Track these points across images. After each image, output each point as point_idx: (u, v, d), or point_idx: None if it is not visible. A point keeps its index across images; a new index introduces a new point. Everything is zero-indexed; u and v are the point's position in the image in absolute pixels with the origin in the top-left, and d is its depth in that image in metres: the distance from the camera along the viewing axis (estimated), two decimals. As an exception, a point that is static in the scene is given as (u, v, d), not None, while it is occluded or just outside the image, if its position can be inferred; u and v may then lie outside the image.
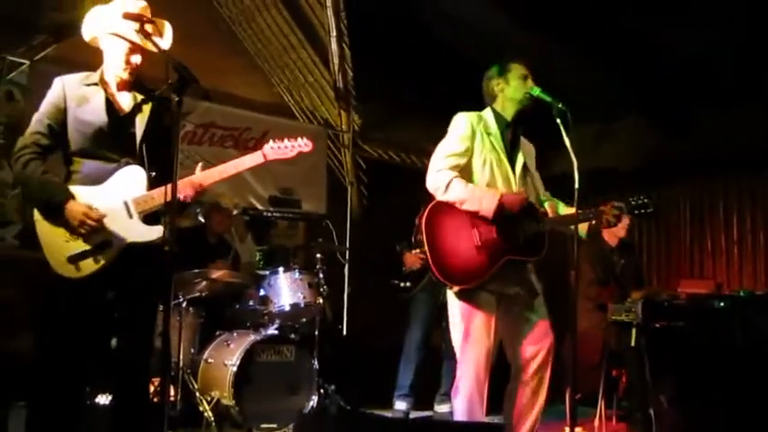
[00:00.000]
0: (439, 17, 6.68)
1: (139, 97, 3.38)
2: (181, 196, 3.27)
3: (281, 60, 7.40)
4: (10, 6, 5.79)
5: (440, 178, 3.73)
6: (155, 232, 3.30)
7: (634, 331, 5.16)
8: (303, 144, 3.70)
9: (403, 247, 5.63)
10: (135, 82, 3.39)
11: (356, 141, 7.63)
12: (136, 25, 3.20)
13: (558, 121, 3.59)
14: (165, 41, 3.34)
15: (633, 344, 5.17)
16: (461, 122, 3.83)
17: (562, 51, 6.41)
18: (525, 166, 3.91)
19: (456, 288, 3.70)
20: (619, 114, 7.71)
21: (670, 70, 6.60)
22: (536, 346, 3.80)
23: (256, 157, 3.58)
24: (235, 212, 6.09)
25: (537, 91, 3.79)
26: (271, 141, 3.64)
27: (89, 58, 3.48)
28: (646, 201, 3.76)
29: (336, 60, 7.04)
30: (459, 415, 3.70)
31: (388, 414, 5.70)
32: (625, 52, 6.47)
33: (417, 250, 5.37)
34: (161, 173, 3.30)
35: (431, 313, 5.68)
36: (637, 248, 6.94)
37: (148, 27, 3.21)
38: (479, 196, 3.68)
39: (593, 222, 3.81)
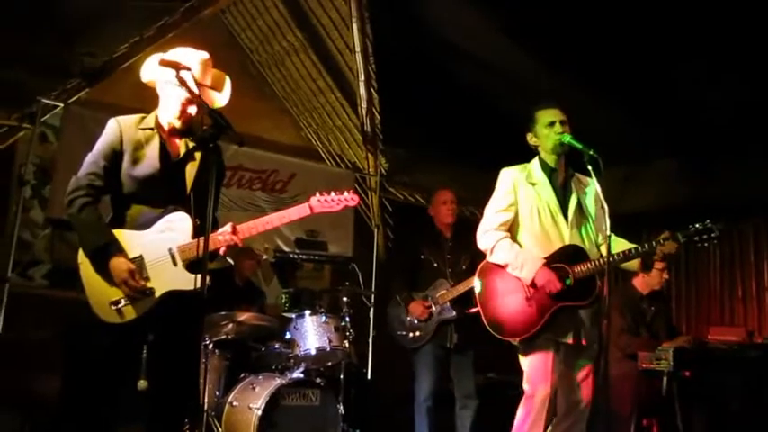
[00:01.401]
0: (466, 62, 6.73)
1: (191, 145, 3.38)
2: (222, 249, 3.31)
3: (309, 104, 7.47)
4: (45, 51, 5.92)
5: (488, 240, 3.90)
6: (197, 280, 3.30)
7: (665, 380, 5.08)
8: (350, 198, 3.65)
9: (404, 298, 5.52)
10: (188, 131, 3.40)
11: (383, 184, 7.65)
12: (197, 76, 3.21)
13: (590, 168, 3.60)
14: (224, 96, 3.37)
15: (664, 393, 5.09)
16: (503, 178, 3.98)
17: (591, 95, 6.41)
18: (580, 208, 3.93)
19: (516, 341, 3.84)
20: (648, 158, 7.69)
21: (700, 113, 6.58)
22: (581, 393, 3.86)
23: (302, 210, 3.53)
24: (264, 258, 6.11)
25: (567, 138, 3.80)
26: (318, 194, 3.59)
27: (117, 100, 3.52)
28: (709, 225, 3.73)
29: (364, 104, 7.09)
30: None
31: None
32: (655, 96, 6.47)
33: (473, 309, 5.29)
34: (204, 222, 3.29)
35: (438, 361, 5.51)
36: (666, 295, 6.84)
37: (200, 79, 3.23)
38: (521, 263, 3.80)
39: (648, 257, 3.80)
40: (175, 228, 3.29)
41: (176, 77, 3.12)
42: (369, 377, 6.65)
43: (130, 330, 3.20)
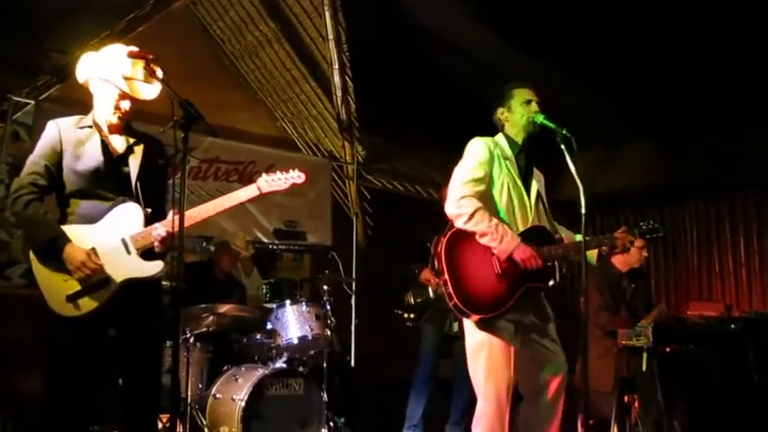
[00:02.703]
0: (441, 48, 6.73)
1: (131, 140, 3.45)
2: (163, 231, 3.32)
3: (284, 94, 7.45)
4: (15, 48, 5.85)
5: (464, 206, 3.66)
6: (153, 267, 3.33)
7: (645, 356, 5.12)
8: (296, 176, 3.72)
9: (417, 266, 5.63)
10: (126, 126, 3.47)
11: (360, 172, 7.64)
12: (127, 72, 3.29)
13: (563, 147, 3.60)
14: (155, 88, 3.38)
15: (645, 369, 5.14)
16: (479, 147, 3.79)
17: (567, 78, 6.44)
18: (538, 193, 3.90)
19: (475, 318, 3.63)
20: (625, 138, 7.74)
21: (676, 94, 6.63)
22: (551, 374, 3.77)
23: (251, 191, 3.60)
24: (243, 254, 6.11)
25: (540, 118, 3.78)
26: (264, 174, 3.67)
27: (89, 96, 3.52)
28: (656, 225, 3.85)
29: (339, 93, 7.08)
30: None
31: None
32: (631, 77, 6.51)
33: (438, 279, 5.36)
34: (156, 210, 3.38)
35: (438, 345, 5.66)
36: (645, 273, 6.91)
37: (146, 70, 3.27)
38: (501, 235, 3.62)
39: (607, 248, 3.83)
40: (127, 218, 3.33)
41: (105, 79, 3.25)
42: (352, 365, 6.66)
43: (90, 324, 3.22)
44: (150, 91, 3.36)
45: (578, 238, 3.82)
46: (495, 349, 3.63)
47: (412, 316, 5.64)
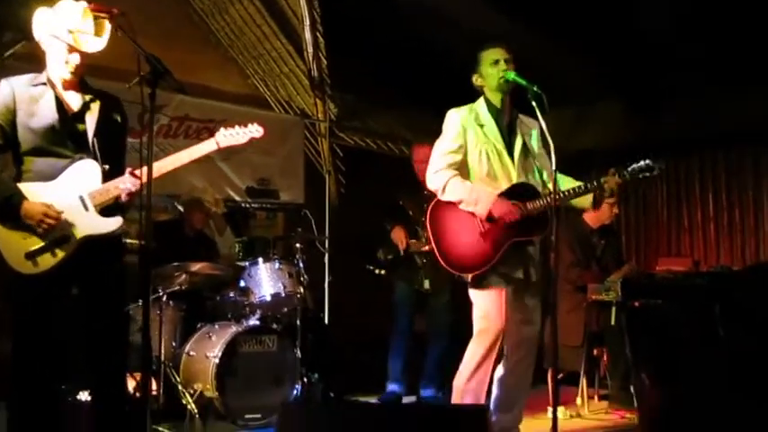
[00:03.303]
0: (412, 5, 6.66)
1: (87, 96, 3.42)
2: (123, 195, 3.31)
3: (255, 51, 7.35)
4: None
5: (438, 179, 3.90)
6: (112, 224, 3.33)
7: (614, 310, 5.21)
8: (255, 130, 3.75)
9: (389, 223, 5.67)
10: (80, 82, 3.43)
11: (333, 130, 7.60)
12: (74, 25, 3.25)
13: (534, 104, 3.63)
14: (103, 41, 3.34)
15: (613, 323, 5.23)
16: (451, 120, 3.97)
17: (539, 37, 6.42)
18: (525, 149, 3.97)
19: (468, 276, 3.85)
20: (598, 97, 7.76)
21: (645, 52, 6.65)
22: (529, 327, 3.97)
23: (209, 145, 3.61)
24: (214, 210, 6.07)
25: (511, 75, 3.83)
26: (222, 129, 3.68)
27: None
28: (648, 163, 3.87)
29: (310, 49, 7.00)
30: (459, 395, 3.87)
31: (374, 401, 5.72)
32: (601, 35, 6.49)
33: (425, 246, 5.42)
34: (114, 167, 3.35)
35: (410, 301, 5.74)
36: (616, 229, 6.99)
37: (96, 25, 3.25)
38: (475, 198, 3.82)
39: (599, 194, 3.88)
40: (84, 175, 3.32)
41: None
42: (326, 322, 6.70)
43: (51, 282, 3.22)
44: (97, 44, 3.31)
45: (567, 184, 3.90)
46: (485, 303, 3.88)
47: (383, 272, 5.71)
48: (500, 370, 3.98)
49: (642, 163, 3.87)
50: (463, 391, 3.89)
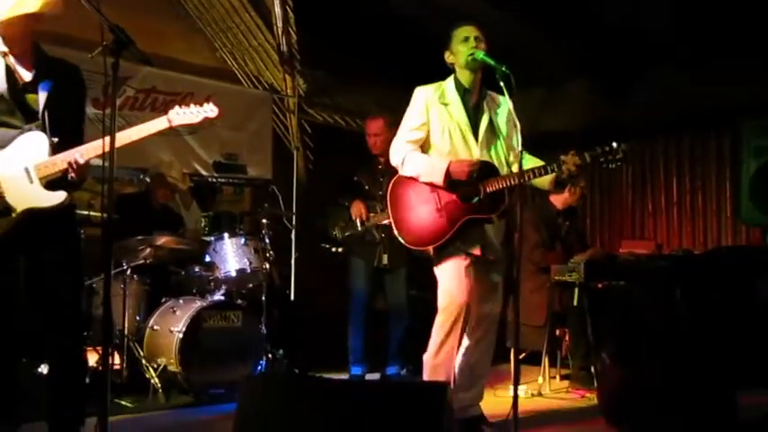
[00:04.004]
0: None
1: (42, 66, 3.33)
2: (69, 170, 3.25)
3: (223, 24, 7.25)
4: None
5: (397, 155, 3.99)
6: (55, 198, 3.26)
7: (577, 291, 5.28)
8: (209, 110, 3.70)
9: (346, 199, 5.65)
10: (36, 50, 3.35)
11: (301, 106, 7.55)
12: None
13: (502, 84, 3.65)
14: (30, 4, 3.21)
15: (576, 304, 5.29)
16: (416, 97, 4.03)
17: (508, 17, 6.43)
18: (491, 127, 4.00)
19: (431, 250, 3.92)
20: (563, 78, 7.80)
21: (612, 34, 6.68)
22: (490, 306, 4.01)
23: (161, 122, 3.54)
24: (180, 187, 6.01)
25: (480, 54, 3.85)
26: (177, 107, 3.63)
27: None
28: (614, 146, 3.82)
29: (280, 23, 6.92)
30: (439, 371, 3.90)
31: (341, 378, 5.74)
32: (569, 16, 6.52)
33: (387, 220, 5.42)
34: (64, 139, 3.28)
35: (368, 278, 5.73)
36: (579, 211, 7.07)
37: None
38: (431, 168, 3.88)
39: (558, 174, 3.88)
40: (31, 147, 3.25)
41: None
42: (292, 298, 6.70)
43: None
44: (32, 3, 3.17)
45: (529, 164, 3.88)
46: (449, 277, 3.92)
47: (340, 250, 5.70)
48: (461, 348, 4.02)
49: (607, 147, 3.85)
50: (432, 366, 3.93)
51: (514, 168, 3.84)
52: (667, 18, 6.34)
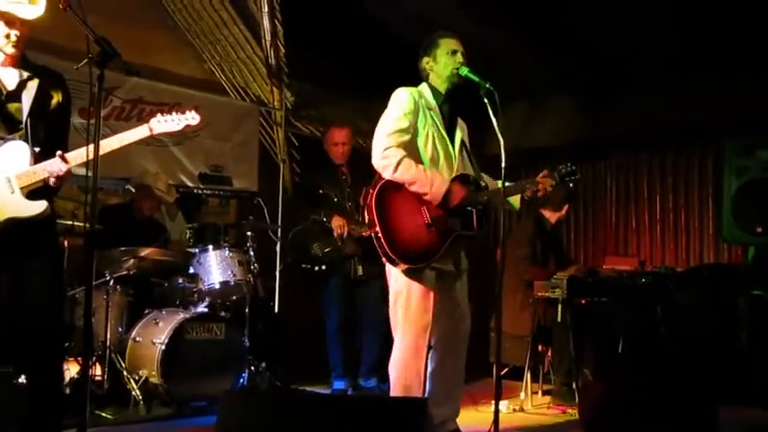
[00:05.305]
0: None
1: (26, 74, 3.33)
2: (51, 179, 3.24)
3: (212, 36, 7.26)
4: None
5: (389, 156, 3.72)
6: (37, 207, 3.26)
7: (560, 307, 5.30)
8: (191, 117, 3.69)
9: (323, 215, 5.58)
10: (21, 58, 3.35)
11: (288, 119, 7.56)
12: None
13: (486, 101, 3.66)
14: (39, 8, 3.25)
15: (559, 319, 5.31)
16: (404, 97, 3.84)
17: (493, 31, 6.48)
18: (462, 142, 4.00)
19: (404, 267, 3.74)
20: (550, 93, 7.85)
21: (598, 51, 6.75)
22: (462, 318, 3.96)
23: (142, 131, 3.53)
24: (166, 198, 5.99)
25: (465, 71, 3.84)
26: (158, 114, 3.62)
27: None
28: (573, 168, 3.96)
29: (268, 37, 6.95)
30: (397, 390, 3.78)
31: (321, 391, 5.73)
32: (554, 33, 6.58)
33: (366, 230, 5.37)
34: (47, 149, 3.27)
35: (345, 293, 5.69)
36: (562, 227, 7.13)
37: None
38: (430, 180, 3.72)
39: (530, 193, 3.92)
40: (13, 156, 3.25)
41: None
42: (276, 311, 6.68)
43: None
44: (33, 11, 3.21)
45: (499, 184, 3.89)
46: (416, 295, 3.76)
47: (323, 268, 5.61)
48: (430, 364, 3.90)
49: (567, 167, 3.95)
50: (402, 386, 3.79)
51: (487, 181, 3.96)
52: (652, 35, 6.41)
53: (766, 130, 5.92)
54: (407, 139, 3.80)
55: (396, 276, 3.83)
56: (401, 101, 3.83)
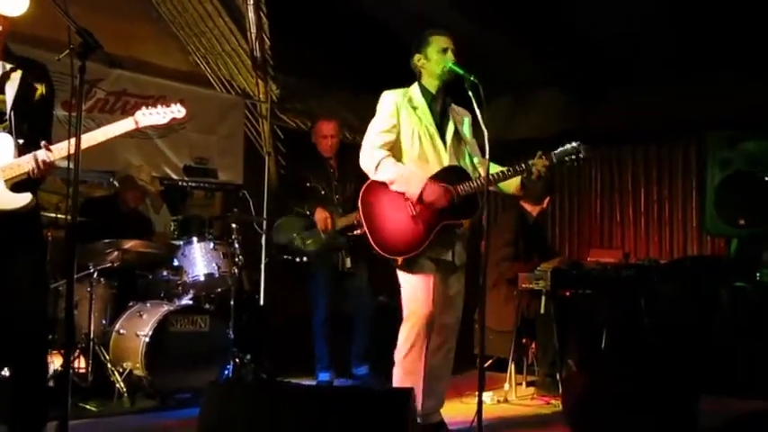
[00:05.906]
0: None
1: (8, 66, 3.31)
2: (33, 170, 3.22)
3: (196, 28, 7.23)
4: None
5: (371, 159, 3.90)
6: (20, 200, 3.25)
7: (543, 299, 5.31)
8: (177, 110, 3.68)
9: (306, 207, 5.58)
10: (5, 50, 3.33)
11: (274, 111, 7.54)
12: None
13: (471, 93, 3.69)
14: (21, 5, 3.20)
15: (543, 311, 5.33)
16: (385, 101, 4.00)
17: (481, 25, 6.48)
18: (457, 135, 4.03)
19: (399, 260, 3.86)
20: (533, 86, 7.86)
21: (584, 43, 6.76)
22: (453, 312, 4.04)
23: (128, 123, 3.51)
24: (150, 190, 5.96)
25: (449, 64, 3.89)
26: (143, 108, 3.60)
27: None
28: (576, 146, 3.90)
29: (253, 29, 6.92)
30: (400, 375, 3.90)
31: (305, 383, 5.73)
32: (539, 25, 6.59)
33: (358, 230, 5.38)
34: (30, 141, 3.26)
35: (332, 285, 5.69)
36: (547, 219, 7.16)
37: None
38: (407, 179, 3.86)
39: (526, 177, 3.93)
40: None
41: None
42: (261, 303, 6.68)
43: None
44: (17, 6, 3.17)
45: (494, 170, 3.92)
46: (416, 285, 3.90)
47: (305, 259, 5.62)
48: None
49: (568, 146, 3.93)
50: (401, 376, 3.91)
51: (482, 172, 3.95)
52: (638, 29, 6.43)
53: (750, 124, 5.96)
54: (391, 139, 3.95)
55: (399, 271, 3.96)
56: (383, 104, 4.01)
